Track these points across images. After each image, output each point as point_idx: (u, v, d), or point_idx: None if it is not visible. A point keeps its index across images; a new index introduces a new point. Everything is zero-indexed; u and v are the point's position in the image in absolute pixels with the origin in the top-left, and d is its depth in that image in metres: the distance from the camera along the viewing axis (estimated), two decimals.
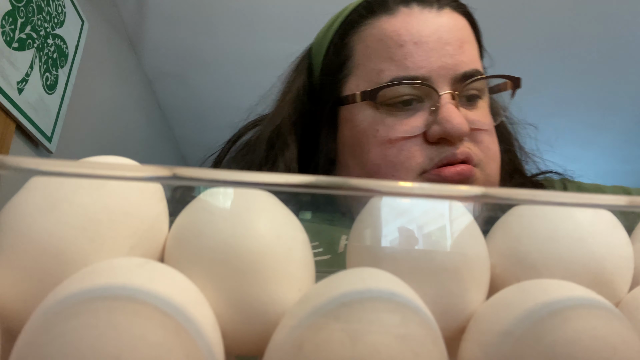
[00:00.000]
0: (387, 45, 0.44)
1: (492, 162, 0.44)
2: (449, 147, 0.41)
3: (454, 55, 0.43)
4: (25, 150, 1.08)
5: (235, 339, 0.19)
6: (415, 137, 0.42)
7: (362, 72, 0.46)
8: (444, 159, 0.41)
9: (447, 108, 0.41)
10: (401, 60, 0.43)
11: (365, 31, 0.46)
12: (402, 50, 0.43)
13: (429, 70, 0.42)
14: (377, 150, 0.43)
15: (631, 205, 0.16)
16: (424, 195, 0.17)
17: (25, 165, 0.15)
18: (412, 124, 0.42)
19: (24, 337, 0.15)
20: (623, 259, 0.22)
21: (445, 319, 0.20)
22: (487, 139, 0.44)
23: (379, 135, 0.43)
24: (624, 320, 0.18)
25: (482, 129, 0.43)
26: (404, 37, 0.43)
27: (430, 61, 0.42)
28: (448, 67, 0.42)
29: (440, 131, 0.41)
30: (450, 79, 0.42)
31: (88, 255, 0.18)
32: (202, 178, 0.16)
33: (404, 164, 0.42)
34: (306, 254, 0.21)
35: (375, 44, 0.45)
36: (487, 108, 0.45)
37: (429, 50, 0.43)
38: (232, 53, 1.71)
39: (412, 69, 0.42)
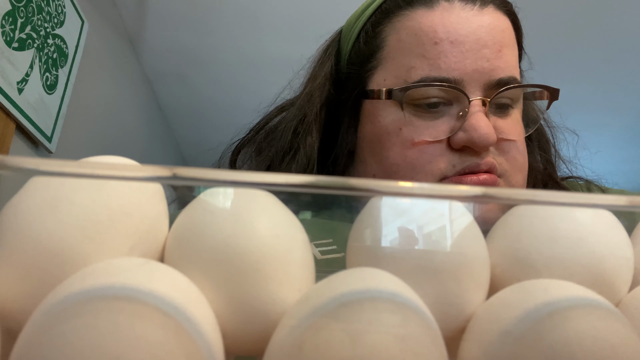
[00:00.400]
0: (422, 41, 0.41)
1: (518, 174, 0.42)
2: (473, 156, 0.39)
3: (491, 59, 0.40)
4: (25, 150, 1.08)
5: (235, 339, 0.19)
6: (439, 142, 0.40)
7: (392, 66, 0.43)
8: (467, 167, 0.39)
9: (476, 116, 0.39)
10: (434, 59, 0.40)
11: (400, 22, 0.44)
12: (437, 49, 0.40)
13: (463, 73, 0.40)
14: (397, 150, 0.42)
15: (631, 205, 0.16)
16: (424, 196, 0.17)
17: (25, 165, 0.15)
18: (438, 127, 0.40)
19: (24, 337, 0.15)
20: (623, 259, 0.22)
21: (445, 319, 0.20)
22: (514, 150, 0.41)
23: (401, 135, 0.41)
24: (624, 320, 0.18)
25: (511, 139, 0.41)
26: (440, 35, 0.41)
27: (465, 63, 0.40)
28: (483, 71, 0.40)
29: (465, 139, 0.39)
30: (483, 85, 0.40)
31: (88, 255, 0.18)
32: (202, 178, 0.16)
33: (424, 167, 0.40)
34: (306, 254, 0.21)
35: (409, 37, 0.42)
36: (519, 117, 0.43)
37: (465, 52, 0.40)
38: (232, 53, 1.71)
39: (444, 70, 0.40)
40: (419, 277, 0.20)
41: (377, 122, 0.44)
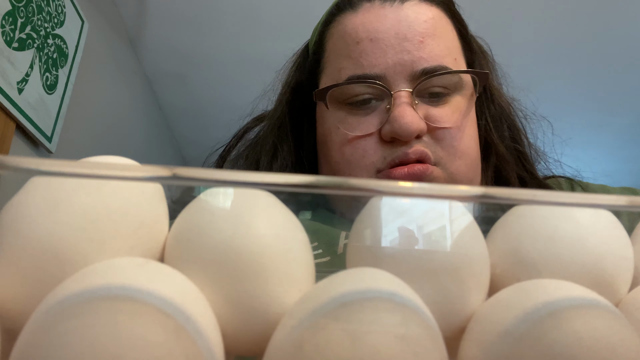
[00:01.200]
0: (346, 43, 0.43)
1: (457, 160, 0.42)
2: (402, 147, 0.40)
3: (412, 51, 0.41)
4: (25, 150, 1.08)
5: (235, 339, 0.19)
6: (371, 136, 0.42)
7: (329, 70, 0.46)
8: (396, 158, 0.40)
9: (399, 107, 0.40)
10: (357, 58, 0.42)
11: (333, 28, 0.46)
12: (359, 48, 0.42)
13: (384, 68, 0.41)
14: (337, 148, 0.44)
15: (631, 205, 0.16)
16: (424, 196, 0.17)
17: (25, 165, 0.15)
18: (369, 122, 0.42)
19: (24, 337, 0.15)
20: (623, 259, 0.22)
21: (446, 319, 0.20)
22: (450, 137, 0.42)
23: (339, 133, 0.43)
24: (624, 320, 0.18)
25: (444, 127, 0.41)
26: (360, 34, 0.42)
27: (386, 58, 0.41)
28: (405, 64, 0.41)
29: (390, 130, 0.40)
30: (407, 76, 0.41)
31: (88, 255, 0.18)
32: (202, 178, 0.16)
33: (359, 162, 0.42)
34: (306, 254, 0.21)
35: (338, 41, 0.45)
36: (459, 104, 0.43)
37: (385, 47, 0.41)
38: (232, 53, 1.71)
39: (367, 67, 0.41)
40: (419, 277, 0.20)
41: (322, 124, 0.46)
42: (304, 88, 0.51)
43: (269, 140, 0.50)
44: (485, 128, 0.48)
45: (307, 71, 0.50)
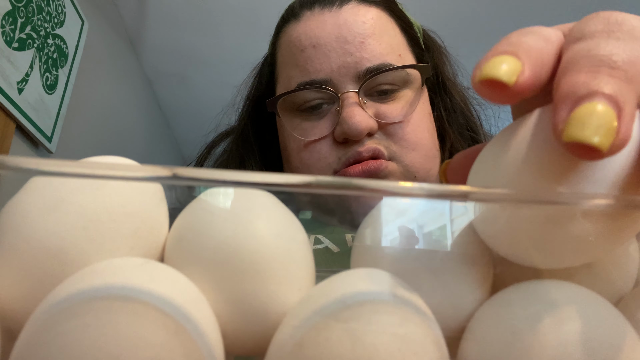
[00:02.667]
0: (292, 52, 0.45)
1: (411, 152, 0.43)
2: (354, 146, 0.41)
3: (354, 52, 0.42)
4: (25, 150, 1.08)
5: (235, 339, 0.19)
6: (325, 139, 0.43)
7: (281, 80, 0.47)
8: (350, 157, 0.41)
9: (347, 108, 0.41)
10: (303, 66, 0.43)
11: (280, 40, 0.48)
12: (303, 55, 0.43)
13: (329, 72, 0.42)
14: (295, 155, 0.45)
15: (631, 205, 0.16)
16: (424, 195, 0.17)
17: (25, 165, 0.15)
18: (321, 126, 0.43)
19: (24, 337, 0.15)
20: (624, 258, 0.22)
21: (446, 319, 0.20)
22: (401, 131, 0.43)
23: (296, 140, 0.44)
24: (623, 320, 0.18)
25: (395, 122, 0.42)
26: (304, 42, 0.44)
27: (330, 62, 0.42)
28: (349, 66, 0.42)
29: (341, 131, 0.41)
30: (353, 77, 0.42)
31: (88, 255, 0.18)
32: (202, 178, 0.16)
33: (316, 165, 0.43)
34: (306, 254, 0.21)
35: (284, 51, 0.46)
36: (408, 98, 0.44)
37: (328, 52, 0.42)
38: (232, 53, 1.71)
39: (312, 73, 0.43)
40: (419, 277, 0.20)
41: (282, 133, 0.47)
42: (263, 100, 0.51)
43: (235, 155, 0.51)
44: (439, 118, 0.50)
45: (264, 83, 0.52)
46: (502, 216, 0.19)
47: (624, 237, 0.19)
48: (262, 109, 0.51)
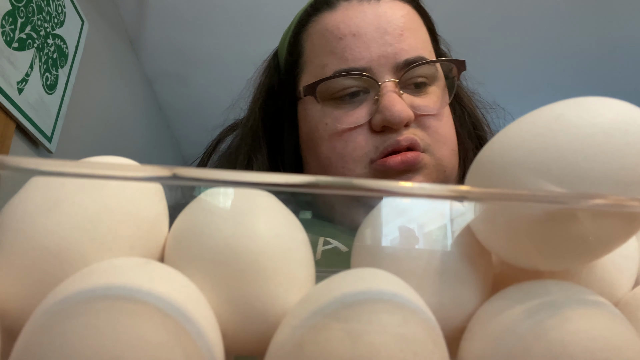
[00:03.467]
0: (328, 40, 0.45)
1: (443, 146, 0.44)
2: (392, 135, 0.42)
3: (394, 43, 0.43)
4: (25, 150, 1.08)
5: (235, 339, 0.19)
6: (361, 128, 0.43)
7: (310, 68, 0.47)
8: (388, 146, 0.41)
9: (388, 96, 0.41)
10: (341, 53, 0.43)
11: (311, 28, 0.48)
12: (342, 43, 0.44)
13: (369, 60, 0.43)
14: (327, 144, 0.44)
15: (632, 205, 0.16)
16: (424, 195, 0.17)
17: (25, 165, 0.15)
18: (357, 114, 0.43)
19: (24, 337, 0.15)
20: (624, 258, 0.22)
21: (446, 319, 0.20)
22: (435, 124, 0.44)
23: (328, 128, 0.44)
24: (623, 320, 0.18)
25: (429, 114, 0.43)
26: (342, 30, 0.44)
27: (370, 51, 0.43)
28: (388, 56, 0.43)
29: (381, 119, 0.41)
30: (391, 68, 0.43)
31: (88, 255, 0.18)
32: (202, 178, 0.16)
33: (351, 154, 0.43)
34: (306, 254, 0.21)
35: (318, 39, 0.46)
36: (438, 94, 0.45)
37: (368, 41, 0.43)
38: (232, 53, 1.71)
39: (351, 61, 0.43)
40: (420, 277, 0.20)
41: (307, 122, 0.47)
42: (279, 92, 0.51)
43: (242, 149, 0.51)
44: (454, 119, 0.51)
45: (282, 74, 0.51)
46: (500, 217, 0.19)
47: (624, 237, 0.19)
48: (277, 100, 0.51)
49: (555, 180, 0.17)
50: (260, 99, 0.53)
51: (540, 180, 0.18)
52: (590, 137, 0.17)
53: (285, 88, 0.50)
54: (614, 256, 0.22)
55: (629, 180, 0.17)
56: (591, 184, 0.17)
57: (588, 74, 1.82)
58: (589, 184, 0.17)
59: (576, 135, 0.18)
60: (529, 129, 0.19)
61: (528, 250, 0.19)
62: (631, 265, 0.23)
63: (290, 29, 0.51)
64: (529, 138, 0.18)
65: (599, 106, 0.18)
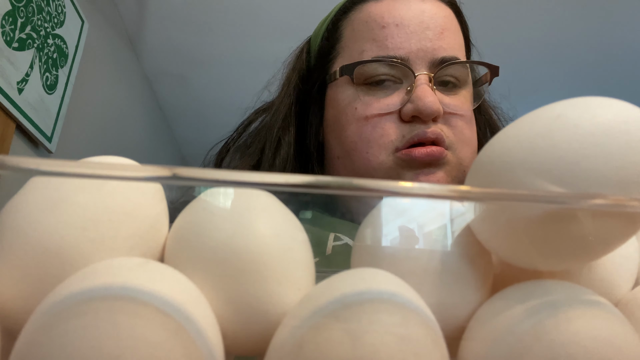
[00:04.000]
0: (371, 27, 0.46)
1: (466, 147, 0.45)
2: (421, 125, 0.42)
3: (434, 40, 0.44)
4: (25, 150, 1.08)
5: (235, 339, 0.19)
6: (391, 115, 0.43)
7: (347, 53, 0.47)
8: (415, 136, 0.42)
9: (422, 87, 0.42)
10: (382, 41, 0.45)
11: (353, 15, 0.49)
12: (384, 32, 0.45)
13: (408, 51, 0.44)
14: (354, 127, 0.45)
15: (632, 206, 0.16)
16: (424, 195, 0.17)
17: (25, 165, 0.15)
18: (388, 101, 0.44)
19: (24, 337, 0.15)
20: (624, 258, 0.22)
21: (446, 319, 0.20)
22: (461, 124, 0.45)
23: (357, 112, 0.44)
24: (623, 320, 0.18)
25: (457, 113, 0.44)
26: (386, 19, 0.45)
27: (410, 43, 0.44)
28: (427, 50, 0.44)
29: (413, 109, 0.42)
30: (428, 62, 0.44)
31: (88, 256, 0.18)
32: (202, 178, 0.16)
33: (377, 140, 0.43)
34: (306, 254, 0.21)
35: (360, 26, 0.47)
36: (467, 97, 0.47)
37: (410, 33, 0.44)
38: (232, 53, 1.71)
39: (391, 49, 0.44)
40: (420, 277, 0.20)
41: (336, 105, 0.47)
42: (309, 76, 0.52)
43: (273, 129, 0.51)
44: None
45: (316, 59, 0.52)
46: (500, 217, 0.19)
47: (624, 237, 0.19)
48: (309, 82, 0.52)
49: (555, 180, 0.17)
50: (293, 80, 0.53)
51: (540, 180, 0.18)
52: (590, 137, 0.17)
53: (316, 72, 0.51)
54: (614, 256, 0.22)
55: (629, 180, 0.17)
56: (591, 184, 0.17)
57: (588, 74, 1.82)
58: (589, 184, 0.17)
59: (576, 135, 0.18)
60: (529, 129, 0.19)
61: (528, 250, 0.19)
62: (631, 265, 0.23)
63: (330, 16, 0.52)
64: (529, 138, 0.18)
65: (598, 106, 0.18)
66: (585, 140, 0.17)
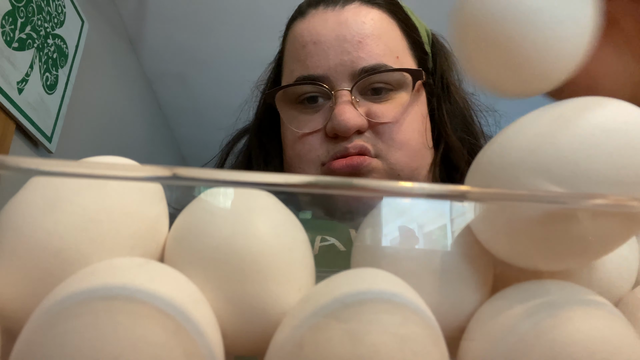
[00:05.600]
0: (295, 47, 0.47)
1: (397, 152, 0.44)
2: (343, 142, 0.43)
3: (352, 51, 0.44)
4: (25, 150, 1.08)
5: (235, 339, 0.19)
6: (318, 133, 0.45)
7: (284, 74, 0.49)
8: (337, 152, 0.43)
9: (340, 106, 0.43)
10: (303, 60, 0.45)
11: (288, 36, 0.50)
12: (304, 51, 0.46)
13: (326, 68, 0.44)
14: (291, 145, 0.47)
15: (632, 206, 0.16)
16: (424, 195, 0.17)
17: (25, 165, 0.15)
18: (316, 120, 0.45)
19: (24, 336, 0.15)
20: (624, 259, 0.22)
21: (447, 319, 0.20)
22: (389, 131, 0.44)
23: (293, 132, 0.46)
24: (623, 320, 0.18)
25: (383, 122, 0.44)
26: (305, 38, 0.46)
27: (328, 60, 0.44)
28: (345, 64, 0.44)
29: (331, 127, 0.43)
30: (348, 75, 0.44)
31: (88, 256, 0.18)
32: (202, 178, 0.16)
33: (307, 156, 0.45)
34: (306, 254, 0.21)
35: (289, 46, 0.49)
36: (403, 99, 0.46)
37: (327, 49, 0.44)
38: (232, 53, 1.71)
39: (311, 68, 0.45)
40: (420, 277, 0.20)
41: (282, 125, 0.49)
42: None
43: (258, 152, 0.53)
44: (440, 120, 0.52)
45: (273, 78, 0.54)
46: (500, 217, 0.19)
47: (624, 237, 0.19)
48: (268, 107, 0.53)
49: (555, 180, 0.17)
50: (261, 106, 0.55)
51: (540, 180, 0.18)
52: (590, 137, 0.17)
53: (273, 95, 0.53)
54: (614, 256, 0.22)
55: (629, 180, 0.17)
56: (591, 184, 0.17)
57: None
58: (589, 184, 0.17)
59: (576, 136, 0.18)
60: (529, 129, 0.19)
61: (528, 251, 0.19)
62: (631, 265, 0.23)
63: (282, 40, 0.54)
64: (529, 138, 0.19)
65: (598, 106, 0.18)
66: (585, 140, 0.17)
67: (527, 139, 0.19)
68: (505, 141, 0.19)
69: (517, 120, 0.20)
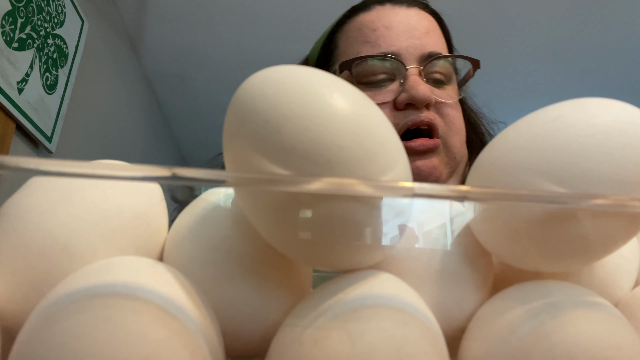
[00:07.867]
0: (363, 32, 0.52)
1: (455, 136, 0.49)
2: (415, 111, 0.47)
3: (421, 37, 0.50)
4: (25, 150, 1.08)
5: (235, 339, 0.19)
6: (385, 105, 0.48)
7: (344, 58, 0.52)
8: (409, 120, 0.47)
9: (413, 78, 0.47)
10: (375, 41, 0.50)
11: (347, 26, 0.54)
12: (376, 34, 0.50)
13: (399, 47, 0.49)
14: None
15: (632, 206, 0.16)
16: (424, 195, 0.17)
17: (25, 165, 0.15)
18: (383, 94, 0.49)
19: (23, 335, 0.15)
20: (624, 259, 0.22)
21: (447, 319, 0.20)
22: (451, 113, 0.49)
23: None
24: (623, 321, 0.18)
25: (447, 101, 0.49)
26: (376, 24, 0.51)
27: (400, 40, 0.49)
28: (415, 46, 0.49)
29: (407, 97, 0.47)
30: (417, 57, 0.49)
31: (87, 256, 0.18)
32: (202, 178, 0.16)
33: None
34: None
35: (353, 33, 0.53)
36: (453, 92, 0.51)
37: (399, 33, 0.50)
38: (232, 53, 1.71)
39: (384, 47, 0.49)
40: (420, 277, 0.20)
41: None
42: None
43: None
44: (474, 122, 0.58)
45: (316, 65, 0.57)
46: (500, 217, 0.19)
47: (625, 237, 0.19)
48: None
49: (555, 181, 0.17)
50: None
51: (540, 181, 0.18)
52: (589, 138, 0.17)
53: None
54: (614, 257, 0.22)
55: (629, 180, 0.17)
56: (591, 184, 0.17)
57: (588, 75, 1.82)
58: (589, 184, 0.17)
59: (576, 136, 0.18)
60: (529, 130, 0.19)
61: (528, 251, 0.19)
62: (631, 266, 0.23)
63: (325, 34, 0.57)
64: (529, 139, 0.19)
65: (598, 107, 0.18)
66: (585, 140, 0.17)
67: (527, 139, 0.19)
68: (505, 142, 0.19)
69: (518, 121, 0.20)
